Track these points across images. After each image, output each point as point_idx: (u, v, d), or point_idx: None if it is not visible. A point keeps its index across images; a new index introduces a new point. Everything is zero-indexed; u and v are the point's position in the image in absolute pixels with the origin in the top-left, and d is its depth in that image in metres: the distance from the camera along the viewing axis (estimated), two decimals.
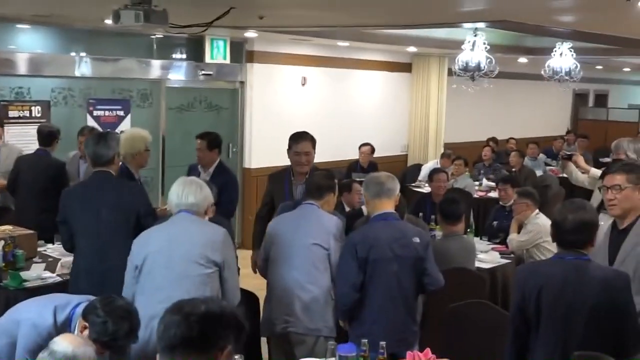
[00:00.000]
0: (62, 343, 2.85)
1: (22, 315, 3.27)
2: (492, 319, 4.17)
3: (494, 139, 12.21)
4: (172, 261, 3.56)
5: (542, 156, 12.28)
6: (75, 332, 3.12)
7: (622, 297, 3.07)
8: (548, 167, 11.65)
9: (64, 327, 3.19)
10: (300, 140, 5.16)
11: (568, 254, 3.14)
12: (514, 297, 3.25)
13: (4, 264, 4.98)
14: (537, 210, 6.28)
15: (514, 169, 10.20)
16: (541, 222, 6.08)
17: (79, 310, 3.19)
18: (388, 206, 4.02)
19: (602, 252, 3.53)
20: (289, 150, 5.19)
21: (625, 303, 3.07)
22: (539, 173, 10.69)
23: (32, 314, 3.25)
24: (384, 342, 3.23)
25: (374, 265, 3.88)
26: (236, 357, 3.33)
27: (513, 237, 6.28)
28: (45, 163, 6.34)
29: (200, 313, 2.05)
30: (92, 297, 3.27)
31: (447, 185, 7.75)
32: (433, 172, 7.57)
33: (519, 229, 6.36)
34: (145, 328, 3.33)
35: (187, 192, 3.71)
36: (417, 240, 3.96)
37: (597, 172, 5.48)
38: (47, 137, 6.47)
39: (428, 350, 3.52)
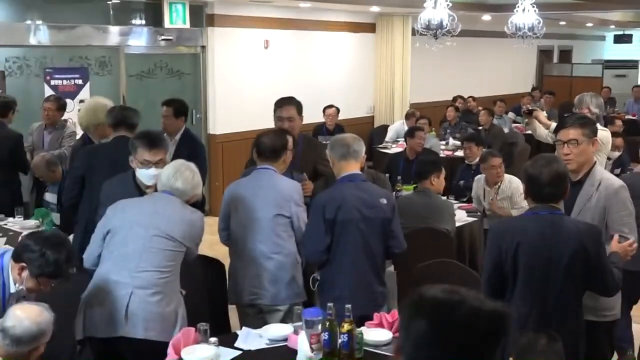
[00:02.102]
0: (22, 323, 2.79)
1: None
2: (460, 277, 4.17)
3: (460, 97, 12.21)
4: (150, 234, 3.52)
5: (510, 114, 12.32)
6: (10, 278, 3.14)
7: (596, 249, 3.15)
8: (514, 125, 11.69)
9: None
10: (284, 105, 4.90)
11: (542, 209, 3.18)
12: (489, 254, 3.26)
13: None
14: None
15: (481, 127, 10.20)
16: (514, 181, 6.11)
17: (7, 257, 3.19)
18: (354, 167, 3.96)
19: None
20: (274, 115, 4.95)
21: (598, 255, 3.15)
22: (505, 131, 10.73)
23: None
24: (350, 305, 3.21)
25: (341, 226, 3.84)
26: (202, 324, 3.30)
27: (507, 214, 5.83)
28: (1, 135, 6.16)
29: None
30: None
31: None
32: (414, 129, 7.74)
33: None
34: (110, 292, 3.43)
35: (177, 177, 3.66)
36: (384, 201, 3.93)
37: None
38: (3, 107, 6.29)
39: (395, 311, 3.52)
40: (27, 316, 2.81)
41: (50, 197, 6.00)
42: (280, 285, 4.09)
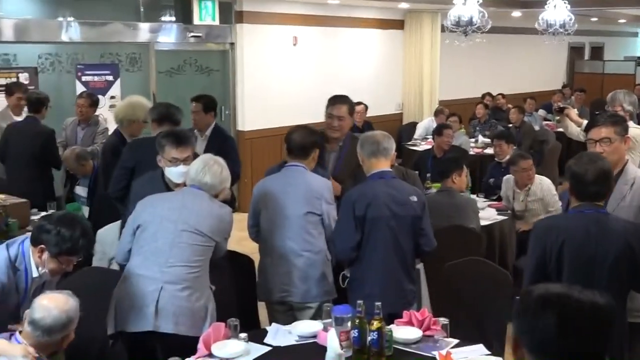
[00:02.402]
0: (51, 313, 2.81)
1: None
2: (491, 276, 4.14)
3: (489, 94, 12.11)
4: (178, 229, 3.54)
5: (541, 111, 12.18)
6: (32, 263, 3.19)
7: None
8: (545, 122, 11.56)
9: (17, 261, 3.20)
10: (337, 103, 4.83)
11: (587, 208, 3.14)
12: (532, 252, 3.21)
13: None
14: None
15: (512, 125, 10.08)
16: (545, 182, 6.02)
17: (27, 243, 3.23)
18: (384, 165, 3.95)
19: None
20: (325, 110, 4.89)
21: None
22: (536, 128, 10.61)
23: None
24: (380, 303, 3.19)
25: (371, 223, 3.83)
26: (232, 320, 3.32)
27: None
28: (34, 131, 6.24)
29: None
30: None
31: None
32: (442, 127, 7.71)
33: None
34: (140, 287, 3.45)
35: (206, 171, 3.67)
36: (414, 198, 3.90)
37: None
38: (36, 104, 6.36)
39: (425, 309, 3.50)
40: (55, 305, 2.84)
41: (81, 190, 6.08)
42: (310, 283, 4.07)
